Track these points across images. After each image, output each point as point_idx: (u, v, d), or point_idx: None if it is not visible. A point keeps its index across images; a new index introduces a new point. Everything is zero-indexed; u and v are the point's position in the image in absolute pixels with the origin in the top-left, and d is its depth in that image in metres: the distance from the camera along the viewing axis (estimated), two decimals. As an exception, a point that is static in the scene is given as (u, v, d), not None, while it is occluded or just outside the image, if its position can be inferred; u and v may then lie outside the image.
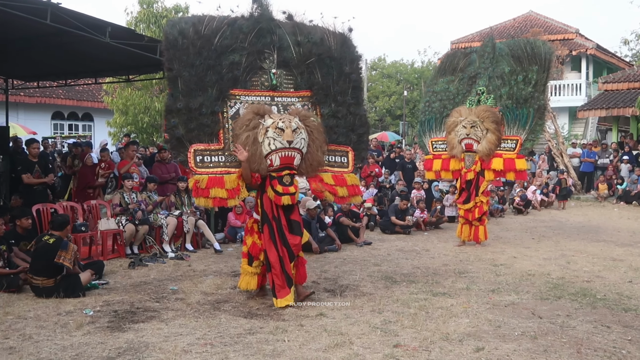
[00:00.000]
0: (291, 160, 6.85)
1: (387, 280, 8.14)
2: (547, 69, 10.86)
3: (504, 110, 10.82)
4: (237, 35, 7.09)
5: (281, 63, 7.33)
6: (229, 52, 7.04)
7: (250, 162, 6.75)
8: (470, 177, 10.99)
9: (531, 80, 10.75)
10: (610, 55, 33.31)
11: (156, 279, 8.33)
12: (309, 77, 7.44)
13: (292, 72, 7.42)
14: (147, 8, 20.73)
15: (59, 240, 7.21)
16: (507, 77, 10.93)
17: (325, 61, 7.46)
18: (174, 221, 10.42)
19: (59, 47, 11.10)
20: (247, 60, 7.14)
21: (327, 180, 7.29)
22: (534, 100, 10.73)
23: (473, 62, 11.57)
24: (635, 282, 8.13)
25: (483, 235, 11.15)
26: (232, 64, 7.05)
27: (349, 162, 7.56)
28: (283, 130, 6.71)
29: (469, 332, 5.79)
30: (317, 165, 7.15)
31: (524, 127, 10.70)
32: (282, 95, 7.36)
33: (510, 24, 33.55)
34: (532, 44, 11.06)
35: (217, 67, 6.97)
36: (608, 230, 13.57)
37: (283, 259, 6.84)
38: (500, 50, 11.23)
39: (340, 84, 7.52)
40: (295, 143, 6.77)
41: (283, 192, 6.75)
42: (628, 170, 20.37)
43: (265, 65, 7.27)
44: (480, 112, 10.70)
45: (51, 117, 26.07)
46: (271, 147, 6.73)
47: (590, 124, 29.23)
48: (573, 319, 6.25)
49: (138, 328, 5.92)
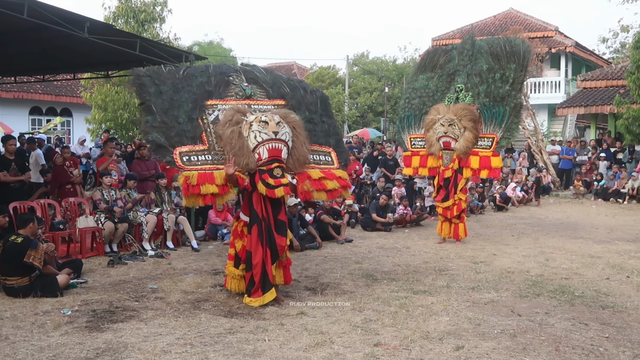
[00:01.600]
0: (279, 153, 6.80)
1: (367, 278, 8.16)
2: (524, 68, 10.96)
3: (482, 108, 10.89)
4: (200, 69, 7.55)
5: (250, 80, 7.60)
6: (195, 77, 7.30)
7: (237, 157, 6.69)
8: (448, 175, 11.05)
9: (508, 79, 10.83)
10: (589, 53, 33.66)
11: (135, 277, 8.26)
12: (279, 90, 7.69)
13: (262, 87, 7.63)
14: (126, 3, 20.52)
15: (27, 239, 7.10)
16: (485, 74, 11.01)
17: (290, 82, 7.93)
18: (153, 219, 10.34)
19: (36, 42, 10.97)
20: (216, 80, 7.38)
21: (316, 175, 7.26)
22: (511, 98, 10.82)
23: (453, 59, 11.62)
24: (613, 279, 8.23)
25: (463, 232, 11.23)
26: (202, 83, 7.27)
27: (333, 160, 7.66)
28: (267, 123, 6.74)
29: (449, 330, 5.82)
30: (304, 160, 7.15)
31: (500, 125, 10.79)
32: (258, 103, 7.44)
33: (490, 21, 33.77)
34: (511, 42, 11.14)
35: (187, 88, 7.16)
36: (586, 227, 13.72)
37: (265, 260, 6.81)
38: (479, 48, 11.29)
39: (309, 98, 7.88)
40: (280, 134, 6.78)
41: (275, 184, 6.70)
42: (605, 167, 20.62)
43: (235, 81, 7.50)
44: (458, 110, 10.74)
45: (29, 112, 25.75)
46: (257, 139, 6.71)
47: (569, 122, 29.54)
48: (552, 317, 6.31)
49: (117, 328, 5.87)
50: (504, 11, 34.87)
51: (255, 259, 6.78)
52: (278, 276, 7.01)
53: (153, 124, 6.86)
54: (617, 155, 21.13)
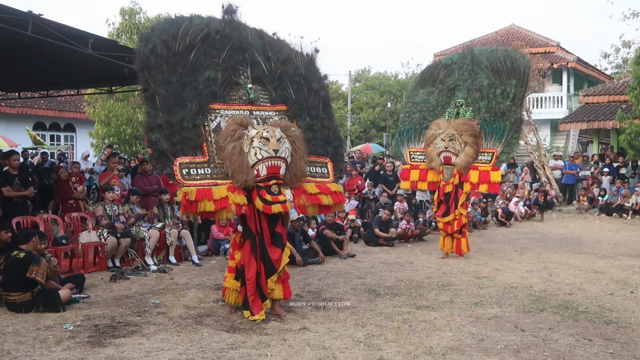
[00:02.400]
0: (277, 170, 6.84)
1: (370, 293, 8.13)
2: (525, 83, 11.02)
3: (482, 123, 10.93)
4: (210, 52, 7.15)
5: (255, 79, 7.46)
6: (203, 68, 7.09)
7: (236, 174, 6.72)
8: (449, 190, 11.07)
9: (509, 94, 10.88)
10: (591, 69, 33.72)
11: (138, 292, 8.24)
12: (282, 93, 7.57)
13: (266, 88, 7.53)
14: (129, 19, 20.64)
15: (30, 254, 7.11)
16: (486, 90, 11.06)
17: (295, 78, 7.63)
18: (156, 234, 10.35)
19: (40, 58, 11.03)
20: (223, 76, 7.21)
21: (311, 190, 7.23)
22: (511, 113, 10.89)
23: (452, 74, 11.64)
24: (617, 294, 8.19)
25: (465, 247, 11.22)
26: (209, 80, 7.09)
27: (329, 172, 7.60)
28: (268, 139, 6.73)
29: (452, 345, 5.79)
30: (301, 175, 7.14)
31: (500, 140, 10.85)
32: (260, 109, 7.41)
33: (492, 36, 33.86)
34: (511, 57, 11.19)
35: (194, 83, 6.98)
36: (589, 242, 13.68)
37: (260, 274, 6.83)
38: (479, 62, 11.32)
39: (312, 100, 7.67)
40: (280, 152, 6.79)
41: (272, 200, 6.73)
42: (609, 182, 20.59)
43: (240, 80, 7.36)
44: (458, 125, 10.78)
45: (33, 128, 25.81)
46: (257, 156, 6.73)
47: (572, 137, 29.51)
48: (555, 332, 6.28)
49: (119, 343, 5.85)
50: (506, 27, 34.98)
51: (248, 273, 6.81)
52: (277, 290, 6.99)
53: (157, 120, 6.70)
54: (620, 170, 21.11)
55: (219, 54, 7.19)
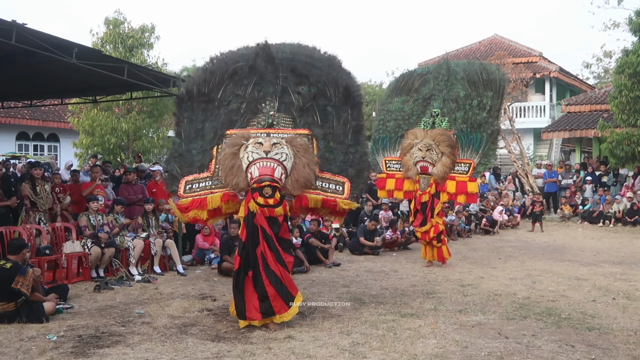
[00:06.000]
0: (270, 171, 6.81)
1: (355, 302, 8.15)
2: (501, 96, 11.08)
3: (459, 134, 10.95)
4: (237, 88, 7.49)
5: (282, 107, 7.49)
6: (227, 102, 7.46)
7: (228, 177, 6.87)
8: (425, 200, 11.05)
9: (486, 106, 10.93)
10: (573, 78, 34.13)
11: (122, 302, 8.20)
12: (307, 119, 7.48)
13: (291, 115, 7.50)
14: (114, 29, 20.62)
15: (17, 265, 7.07)
16: (462, 101, 11.08)
17: (326, 108, 7.52)
18: (140, 243, 10.31)
19: (24, 67, 10.97)
20: (246, 108, 7.45)
21: (314, 204, 7.16)
22: (488, 125, 10.92)
23: (427, 83, 11.63)
24: (599, 301, 8.27)
25: (447, 253, 11.25)
26: (230, 112, 7.42)
27: (344, 190, 7.35)
28: (262, 144, 6.92)
29: (437, 353, 5.82)
30: (304, 182, 7.01)
31: (477, 152, 10.87)
32: (278, 132, 7.34)
33: (476, 46, 34.18)
34: (487, 69, 11.25)
35: (215, 117, 7.41)
36: (572, 250, 13.79)
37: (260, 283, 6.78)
38: (455, 73, 11.34)
39: (340, 128, 7.50)
40: (273, 154, 6.86)
41: (264, 204, 6.74)
42: (592, 190, 20.80)
43: (264, 110, 7.46)
44: (436, 135, 10.79)
45: (16, 138, 25.65)
46: (249, 159, 6.86)
47: (555, 145, 29.81)
48: (538, 339, 6.33)
49: (103, 353, 5.82)
50: (489, 37, 35.33)
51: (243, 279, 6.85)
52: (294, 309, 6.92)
53: (178, 150, 7.38)
54: (602, 179, 21.34)
55: (246, 88, 7.48)
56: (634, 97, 19.35)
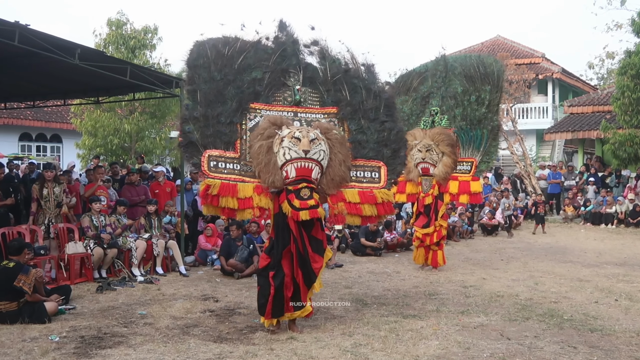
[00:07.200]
0: (308, 172, 6.49)
1: (357, 303, 8.15)
2: (499, 89, 10.89)
3: (459, 131, 10.78)
4: (261, 55, 6.99)
5: (307, 80, 7.15)
6: (251, 69, 6.92)
7: (263, 174, 6.47)
8: (429, 202, 10.76)
9: (484, 101, 10.78)
10: (576, 79, 34.09)
11: (124, 303, 8.21)
12: (336, 94, 7.18)
13: (317, 90, 7.19)
14: (116, 30, 20.64)
15: (19, 264, 7.11)
16: (460, 97, 10.93)
17: (353, 80, 7.22)
18: (143, 244, 10.32)
19: (27, 68, 11.00)
20: (270, 77, 6.99)
21: (352, 198, 6.83)
22: (488, 121, 10.80)
23: (426, 81, 11.44)
24: (601, 302, 8.26)
25: (441, 259, 10.93)
26: (254, 80, 6.91)
27: (380, 177, 7.09)
28: (299, 139, 6.44)
29: (439, 354, 5.82)
30: (340, 181, 6.77)
31: (478, 149, 10.76)
32: (306, 111, 7.09)
33: (478, 47, 34.12)
34: (484, 62, 11.03)
35: (238, 82, 6.84)
36: (575, 251, 13.78)
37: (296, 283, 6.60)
38: (452, 69, 11.17)
39: (371, 102, 7.20)
40: (312, 153, 6.46)
41: (301, 206, 6.38)
42: (594, 191, 20.78)
43: (289, 82, 7.10)
44: (434, 135, 10.52)
45: (19, 139, 25.70)
46: (286, 157, 6.44)
47: (557, 147, 29.78)
48: (541, 340, 6.33)
49: (105, 354, 5.83)
50: (492, 38, 35.30)
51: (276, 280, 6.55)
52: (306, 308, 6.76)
53: (193, 112, 6.63)
54: (605, 180, 21.33)
55: (269, 57, 7.00)
56: (636, 99, 19.31)
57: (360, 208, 6.88)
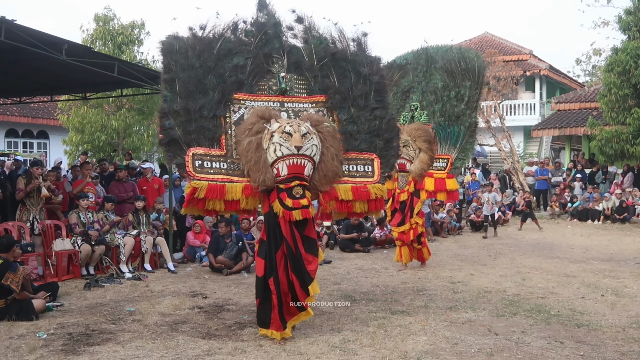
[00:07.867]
0: (301, 170, 6.14)
1: (346, 299, 8.16)
2: (479, 85, 10.72)
3: (437, 127, 10.59)
4: (240, 40, 6.63)
5: (292, 66, 6.78)
6: (232, 55, 6.54)
7: (252, 172, 6.08)
8: (404, 198, 10.44)
9: (464, 97, 10.61)
10: (563, 76, 34.29)
11: (112, 300, 8.18)
12: (323, 81, 6.83)
13: (304, 76, 6.84)
14: (104, 25, 20.51)
15: (7, 262, 7.06)
16: (440, 92, 10.71)
17: (340, 63, 6.84)
18: (131, 241, 10.29)
19: (13, 64, 10.90)
20: (253, 64, 6.61)
21: (344, 195, 6.45)
22: (466, 117, 10.63)
23: (407, 75, 11.18)
24: (588, 298, 8.33)
25: (427, 253, 10.79)
26: (236, 67, 6.52)
27: (374, 170, 6.72)
28: (291, 135, 6.06)
29: (427, 349, 5.85)
30: (333, 176, 6.41)
31: (454, 146, 10.60)
32: (292, 101, 6.73)
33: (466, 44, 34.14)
34: (466, 57, 10.81)
35: (219, 70, 6.44)
36: (562, 247, 13.87)
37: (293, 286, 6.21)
38: (433, 62, 10.90)
39: (360, 87, 6.83)
40: (305, 149, 6.09)
41: (293, 206, 6.05)
42: (580, 188, 20.93)
43: (273, 69, 6.75)
44: (412, 130, 10.21)
45: (5, 135, 25.49)
46: (277, 153, 6.07)
47: (545, 143, 29.95)
48: (528, 335, 6.37)
49: (93, 351, 5.81)
50: (480, 35, 35.39)
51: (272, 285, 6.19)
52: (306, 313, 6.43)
53: (173, 105, 6.20)
54: (593, 177, 21.47)
55: (251, 40, 6.63)
56: (622, 95, 19.46)
57: (352, 205, 6.54)
